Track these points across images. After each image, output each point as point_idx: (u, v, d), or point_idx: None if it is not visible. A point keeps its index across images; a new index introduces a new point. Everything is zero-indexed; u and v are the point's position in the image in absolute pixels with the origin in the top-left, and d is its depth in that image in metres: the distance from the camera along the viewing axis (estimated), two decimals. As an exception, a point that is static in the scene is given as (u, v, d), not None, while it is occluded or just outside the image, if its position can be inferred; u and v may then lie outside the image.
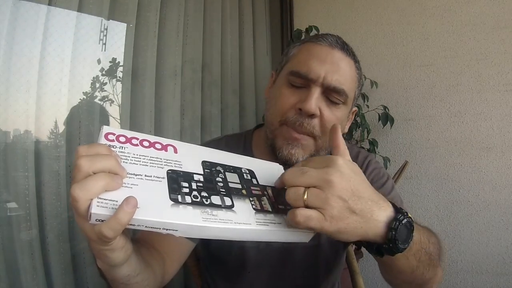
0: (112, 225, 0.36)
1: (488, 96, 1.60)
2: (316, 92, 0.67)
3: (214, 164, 0.51)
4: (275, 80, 0.78)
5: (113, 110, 1.31)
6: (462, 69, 1.65)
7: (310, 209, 0.41)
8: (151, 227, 0.38)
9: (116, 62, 1.30)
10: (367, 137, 1.67)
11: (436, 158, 1.68)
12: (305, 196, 0.41)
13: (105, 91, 1.28)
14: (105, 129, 0.45)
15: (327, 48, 0.69)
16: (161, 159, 0.45)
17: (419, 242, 0.51)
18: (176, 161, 0.47)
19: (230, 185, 0.48)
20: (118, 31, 1.29)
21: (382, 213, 0.45)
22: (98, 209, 0.36)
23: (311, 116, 0.67)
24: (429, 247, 0.54)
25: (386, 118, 1.62)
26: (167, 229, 0.39)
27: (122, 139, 0.45)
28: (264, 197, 0.49)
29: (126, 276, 0.48)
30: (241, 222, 0.43)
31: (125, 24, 1.31)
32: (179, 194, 0.42)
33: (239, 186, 0.48)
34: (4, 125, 1.04)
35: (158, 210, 0.39)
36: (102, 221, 0.36)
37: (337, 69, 0.68)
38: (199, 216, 0.40)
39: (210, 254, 0.83)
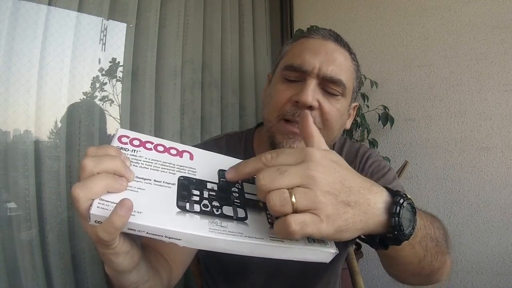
0: (106, 228, 0.34)
1: (488, 96, 1.60)
2: (312, 84, 0.65)
3: None
4: (271, 80, 0.77)
5: (113, 110, 1.31)
6: (462, 69, 1.65)
7: (303, 213, 0.35)
8: (153, 234, 0.37)
9: (116, 62, 1.30)
10: (367, 137, 1.67)
11: (436, 158, 1.68)
12: (293, 199, 0.35)
13: (105, 91, 1.28)
14: (120, 131, 0.44)
15: (320, 41, 0.69)
16: (174, 165, 0.44)
17: (423, 228, 0.47)
18: (190, 168, 0.45)
19: (247, 196, 0.45)
20: (118, 31, 1.30)
21: (378, 198, 0.40)
22: (97, 210, 0.35)
23: (309, 108, 0.64)
24: (434, 232, 0.51)
25: (386, 118, 1.63)
26: (169, 237, 0.37)
27: (136, 142, 0.44)
28: None
29: (134, 283, 0.46)
30: (252, 236, 0.39)
31: (125, 24, 1.31)
32: (187, 202, 0.40)
33: (256, 198, 0.44)
34: (4, 125, 1.04)
35: (161, 217, 0.37)
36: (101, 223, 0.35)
37: (332, 60, 0.66)
38: (206, 226, 0.38)
39: (211, 255, 0.82)
